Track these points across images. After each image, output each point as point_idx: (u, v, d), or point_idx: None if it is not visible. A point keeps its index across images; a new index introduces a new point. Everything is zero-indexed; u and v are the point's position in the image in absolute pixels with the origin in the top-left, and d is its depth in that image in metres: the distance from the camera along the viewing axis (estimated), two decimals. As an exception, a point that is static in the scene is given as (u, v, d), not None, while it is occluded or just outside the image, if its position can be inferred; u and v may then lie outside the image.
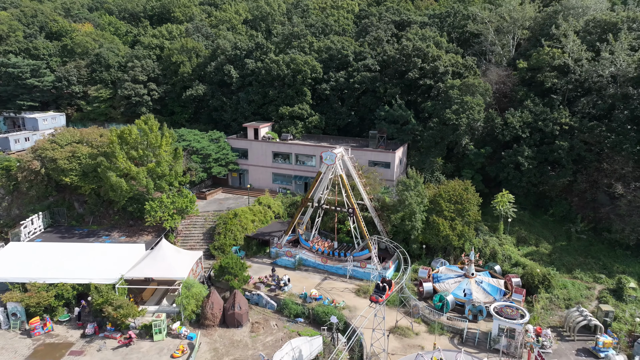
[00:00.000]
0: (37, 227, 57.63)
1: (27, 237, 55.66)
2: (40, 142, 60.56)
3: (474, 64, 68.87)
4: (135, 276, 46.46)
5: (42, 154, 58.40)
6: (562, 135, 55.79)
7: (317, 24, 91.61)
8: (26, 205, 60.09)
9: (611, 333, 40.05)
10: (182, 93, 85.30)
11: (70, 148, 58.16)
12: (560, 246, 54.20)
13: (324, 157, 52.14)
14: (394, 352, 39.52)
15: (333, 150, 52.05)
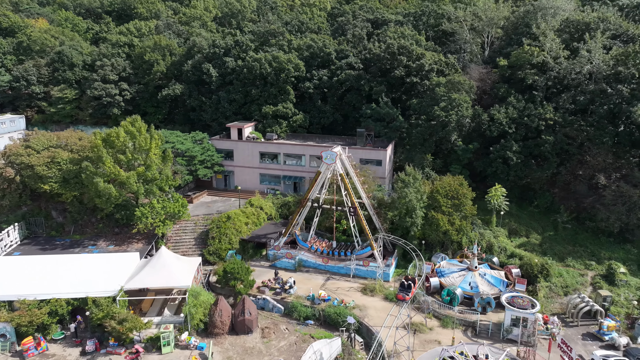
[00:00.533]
0: (14, 239, 53.31)
1: (3, 250, 51.34)
2: (12, 147, 56.06)
3: (455, 62, 70.55)
4: (136, 287, 44.04)
5: (15, 161, 54.05)
6: (547, 130, 58.26)
7: (292, 22, 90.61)
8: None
9: (613, 316, 42.32)
10: (155, 93, 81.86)
11: (48, 153, 54.16)
12: (549, 236, 56.71)
13: (324, 157, 51.64)
14: (413, 348, 39.76)
15: (333, 149, 51.64)
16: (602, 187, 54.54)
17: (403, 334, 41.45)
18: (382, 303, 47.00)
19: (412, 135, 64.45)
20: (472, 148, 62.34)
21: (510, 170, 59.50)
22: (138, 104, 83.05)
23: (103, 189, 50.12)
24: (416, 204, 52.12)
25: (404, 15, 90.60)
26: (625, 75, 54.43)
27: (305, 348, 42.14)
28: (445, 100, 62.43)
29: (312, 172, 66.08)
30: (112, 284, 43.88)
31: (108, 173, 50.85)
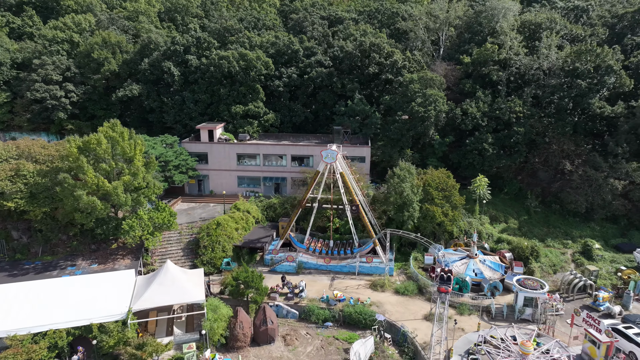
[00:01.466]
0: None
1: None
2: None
3: (422, 59, 73.24)
4: (146, 307, 40.25)
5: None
6: (516, 122, 62.70)
7: (247, 18, 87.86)
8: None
9: (604, 288, 46.95)
10: (105, 94, 75.13)
11: (10, 165, 47.36)
12: (524, 220, 61.28)
13: (324, 155, 51.03)
14: (439, 339, 40.82)
15: (332, 148, 51.18)
16: (568, 173, 60.07)
17: (428, 326, 42.66)
18: (395, 297, 47.79)
19: (390, 131, 65.78)
20: (448, 141, 65.24)
21: (485, 161, 63.20)
22: (85, 107, 75.54)
23: (86, 203, 44.97)
24: (413, 198, 53.48)
25: (358, 13, 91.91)
26: (582, 71, 60.36)
27: (333, 351, 41.76)
28: (420, 96, 64.56)
29: (294, 172, 65.26)
30: (115, 306, 39.70)
31: (90, 184, 45.73)
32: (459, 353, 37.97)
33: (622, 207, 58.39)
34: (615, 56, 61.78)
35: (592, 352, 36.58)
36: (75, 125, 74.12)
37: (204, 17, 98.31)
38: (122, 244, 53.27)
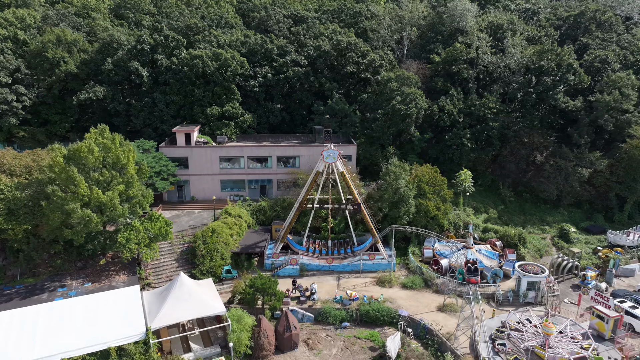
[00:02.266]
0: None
1: None
2: None
3: (394, 58, 75.06)
4: (166, 324, 37.70)
5: None
6: (491, 117, 66.33)
7: (210, 16, 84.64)
8: None
9: (590, 267, 51.24)
10: (61, 97, 69.00)
11: (-16, 179, 42.01)
12: (502, 210, 65.14)
13: (325, 155, 50.76)
14: (459, 327, 42.33)
15: (332, 148, 51.03)
16: (539, 163, 64.73)
17: (444, 317, 44.09)
18: (405, 292, 48.79)
19: (371, 129, 66.77)
20: (427, 137, 67.55)
21: (463, 155, 66.24)
22: (38, 111, 68.77)
23: (80, 217, 41.08)
24: (409, 193, 54.82)
25: (321, 13, 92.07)
26: (546, 68, 65.25)
27: (358, 350, 41.81)
28: (398, 94, 66.19)
29: (280, 174, 64.15)
30: (129, 326, 36.85)
31: (81, 197, 41.80)
32: (483, 340, 39.63)
33: (587, 192, 64.09)
34: (572, 56, 67.54)
35: (600, 327, 39.88)
36: (28, 132, 67.28)
37: (156, 14, 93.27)
38: (110, 258, 49.43)
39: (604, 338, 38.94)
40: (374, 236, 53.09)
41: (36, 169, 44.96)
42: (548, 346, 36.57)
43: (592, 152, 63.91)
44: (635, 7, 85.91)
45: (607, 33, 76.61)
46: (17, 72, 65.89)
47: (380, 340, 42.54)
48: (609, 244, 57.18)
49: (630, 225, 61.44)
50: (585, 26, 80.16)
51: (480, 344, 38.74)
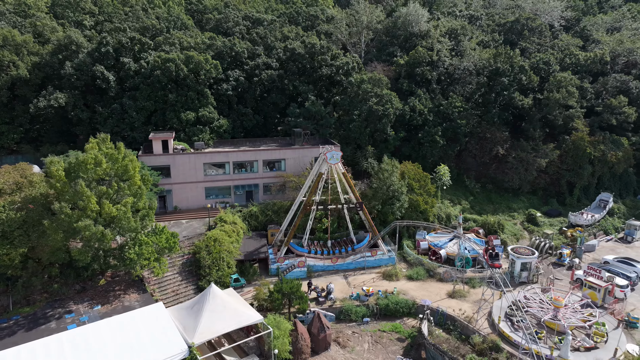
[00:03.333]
0: None
1: None
2: None
3: (361, 61, 77.62)
4: (207, 339, 36.20)
5: None
6: (458, 115, 71.34)
7: (165, 16, 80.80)
8: None
9: (565, 246, 57.61)
10: (9, 105, 62.09)
11: (-26, 200, 36.93)
12: (472, 200, 70.50)
13: (328, 157, 51.55)
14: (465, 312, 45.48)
15: (334, 150, 51.99)
16: (501, 156, 71.12)
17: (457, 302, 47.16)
18: (412, 283, 51.22)
19: (349, 129, 68.59)
20: (401, 136, 70.95)
21: (434, 151, 70.60)
22: (-19, 122, 61.17)
23: (93, 234, 37.86)
24: (402, 189, 57.51)
25: (277, 16, 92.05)
26: (503, 70, 71.84)
27: (388, 342, 43.36)
28: (373, 95, 68.81)
29: (266, 178, 63.58)
30: (168, 345, 34.89)
31: (90, 212, 38.52)
32: (503, 319, 43.15)
33: (542, 180, 71.72)
34: (521, 58, 75.14)
35: (593, 296, 45.43)
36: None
37: (97, 14, 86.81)
38: (109, 278, 45.87)
39: (596, 306, 44.39)
40: (375, 233, 54.97)
41: (27, 185, 40.37)
42: (558, 318, 40.97)
43: (545, 144, 71.66)
44: (555, 16, 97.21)
45: (541, 38, 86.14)
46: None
47: (405, 330, 44.54)
48: (570, 224, 64.76)
49: (579, 207, 69.95)
50: (519, 32, 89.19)
51: (502, 322, 42.21)
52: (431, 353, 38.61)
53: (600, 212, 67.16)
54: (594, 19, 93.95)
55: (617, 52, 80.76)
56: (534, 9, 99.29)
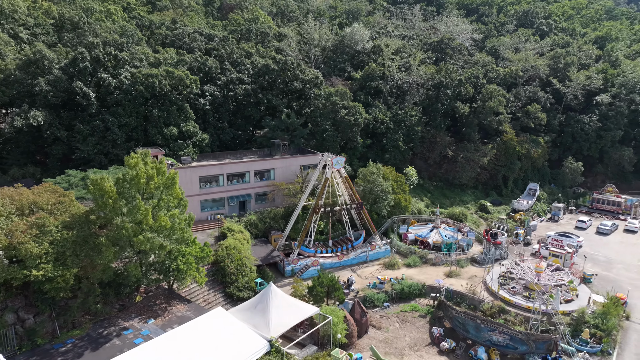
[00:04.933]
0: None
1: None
2: None
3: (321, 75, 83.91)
4: (281, 333, 39.03)
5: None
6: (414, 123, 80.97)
7: (119, 31, 78.79)
8: None
9: (519, 227, 69.44)
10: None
11: (30, 221, 35.28)
12: (431, 196, 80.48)
13: (334, 163, 56.75)
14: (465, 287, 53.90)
15: (339, 156, 57.42)
16: (450, 157, 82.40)
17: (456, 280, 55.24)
18: (412, 270, 58.33)
19: (324, 139, 74.28)
20: (368, 143, 78.50)
21: (397, 156, 79.38)
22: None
23: (157, 246, 38.57)
24: (389, 189, 64.74)
25: (229, 32, 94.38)
26: (446, 83, 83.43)
27: (413, 320, 49.75)
28: (341, 107, 75.53)
29: (258, 188, 66.43)
30: (249, 342, 37.31)
31: (144, 226, 39.10)
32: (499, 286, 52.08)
33: (483, 176, 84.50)
34: (459, 73, 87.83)
35: (556, 262, 56.81)
36: None
37: (33, 27, 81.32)
38: (144, 294, 45.62)
39: (561, 269, 55.66)
40: (373, 230, 61.25)
41: (68, 204, 39.25)
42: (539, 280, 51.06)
43: (483, 145, 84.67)
44: (467, 37, 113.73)
45: (465, 56, 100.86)
46: None
47: (422, 309, 51.31)
48: (513, 210, 77.75)
49: (514, 196, 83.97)
50: (444, 50, 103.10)
51: (501, 290, 51.12)
52: (459, 320, 45.76)
53: (531, 199, 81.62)
54: (500, 40, 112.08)
55: (524, 67, 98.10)
56: (449, 31, 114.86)
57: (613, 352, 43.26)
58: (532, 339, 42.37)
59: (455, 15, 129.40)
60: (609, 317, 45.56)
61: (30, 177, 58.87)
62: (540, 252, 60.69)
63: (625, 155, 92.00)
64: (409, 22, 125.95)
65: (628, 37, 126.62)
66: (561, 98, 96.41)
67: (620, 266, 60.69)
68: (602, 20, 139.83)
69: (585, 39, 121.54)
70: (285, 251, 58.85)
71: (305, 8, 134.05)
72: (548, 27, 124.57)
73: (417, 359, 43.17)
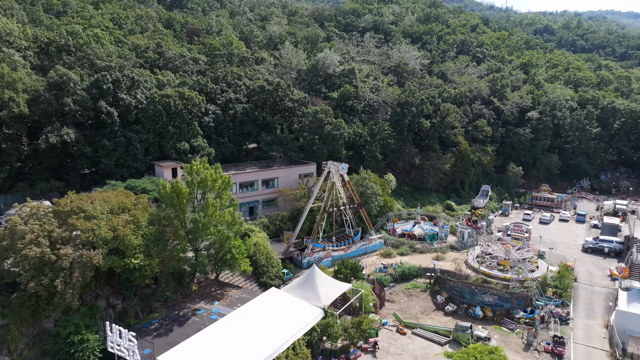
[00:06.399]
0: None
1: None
2: (72, 219, 38.57)
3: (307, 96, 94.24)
4: (328, 303, 47.93)
5: (89, 238, 38.78)
6: (387, 136, 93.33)
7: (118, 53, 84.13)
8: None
9: (481, 220, 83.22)
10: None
11: (126, 217, 41.68)
12: (404, 199, 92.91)
13: (340, 169, 66.81)
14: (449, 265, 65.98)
15: (342, 164, 67.71)
16: (418, 165, 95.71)
17: (443, 263, 66.99)
18: (405, 257, 69.41)
19: (313, 151, 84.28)
20: (350, 154, 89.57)
21: (374, 164, 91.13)
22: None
23: (225, 237, 46.37)
24: (379, 192, 75.90)
25: (212, 56, 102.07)
26: (411, 102, 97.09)
27: (417, 294, 60.49)
28: (327, 122, 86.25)
29: (265, 195, 74.67)
30: (307, 311, 45.91)
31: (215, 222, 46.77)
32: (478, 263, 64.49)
33: (445, 181, 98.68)
34: (421, 94, 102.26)
35: (517, 243, 70.65)
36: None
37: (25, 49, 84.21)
38: (197, 284, 52.38)
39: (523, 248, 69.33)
40: (370, 226, 71.82)
41: (145, 205, 45.82)
42: (509, 257, 64.27)
43: (444, 154, 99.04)
44: (417, 63, 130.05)
45: (421, 78, 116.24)
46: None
47: (421, 285, 62.24)
48: (473, 207, 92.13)
49: (471, 197, 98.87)
50: (401, 73, 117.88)
51: (481, 266, 63.55)
52: (457, 288, 57.24)
53: (485, 198, 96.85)
54: (446, 65, 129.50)
55: (470, 88, 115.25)
56: (401, 57, 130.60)
57: (570, 303, 56.85)
58: (515, 297, 54.87)
59: (403, 43, 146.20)
60: (564, 279, 59.41)
61: (56, 190, 63.03)
62: (504, 237, 74.54)
63: (553, 161, 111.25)
64: (363, 48, 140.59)
65: (544, 64, 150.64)
66: (500, 114, 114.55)
67: (562, 245, 76.16)
68: (522, 49, 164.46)
69: (513, 65, 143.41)
70: (297, 247, 67.50)
71: (267, 34, 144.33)
72: (482, 55, 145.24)
73: (430, 320, 53.90)
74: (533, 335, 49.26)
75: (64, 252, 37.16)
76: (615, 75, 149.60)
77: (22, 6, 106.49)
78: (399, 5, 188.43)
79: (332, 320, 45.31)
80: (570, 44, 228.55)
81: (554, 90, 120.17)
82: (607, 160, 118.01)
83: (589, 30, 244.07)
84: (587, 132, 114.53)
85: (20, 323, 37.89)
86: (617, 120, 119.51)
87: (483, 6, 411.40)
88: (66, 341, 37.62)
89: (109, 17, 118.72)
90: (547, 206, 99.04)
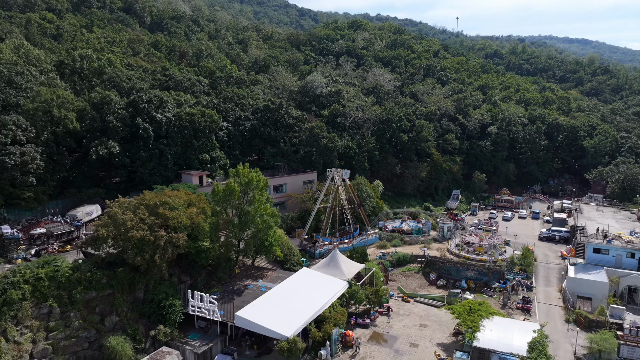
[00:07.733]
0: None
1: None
2: (160, 210, 49.06)
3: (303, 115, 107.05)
4: (351, 277, 60.14)
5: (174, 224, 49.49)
6: (372, 149, 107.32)
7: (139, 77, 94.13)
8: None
9: (458, 216, 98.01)
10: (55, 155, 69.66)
11: (194, 209, 52.65)
12: (388, 202, 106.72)
13: (343, 174, 79.74)
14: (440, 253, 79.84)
15: (345, 170, 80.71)
16: (399, 173, 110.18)
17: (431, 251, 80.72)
18: (399, 248, 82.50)
19: (312, 161, 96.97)
20: (342, 164, 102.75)
21: (362, 173, 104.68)
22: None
23: (268, 225, 57.98)
24: (372, 194, 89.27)
25: (213, 79, 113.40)
26: (391, 119, 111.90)
27: (412, 275, 73.62)
28: (323, 137, 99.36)
29: (276, 199, 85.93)
30: (336, 283, 57.96)
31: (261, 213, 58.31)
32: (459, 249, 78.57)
33: (422, 186, 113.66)
34: (400, 111, 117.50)
35: (488, 234, 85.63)
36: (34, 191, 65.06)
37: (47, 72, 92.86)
38: (238, 269, 63.20)
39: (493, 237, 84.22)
40: (367, 223, 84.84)
41: (204, 200, 56.78)
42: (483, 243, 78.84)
43: (420, 163, 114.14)
44: (390, 85, 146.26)
45: (395, 99, 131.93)
46: (26, 131, 63.73)
47: (414, 268, 75.50)
48: (447, 208, 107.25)
49: (444, 200, 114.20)
50: (378, 94, 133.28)
51: (462, 252, 77.72)
52: (445, 268, 70.92)
53: (456, 201, 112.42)
54: (416, 86, 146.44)
55: (439, 107, 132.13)
56: (375, 79, 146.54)
57: (532, 276, 71.77)
58: (491, 271, 69.19)
59: (376, 66, 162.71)
60: (527, 259, 74.46)
61: (98, 196, 72.20)
62: (476, 230, 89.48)
63: (510, 169, 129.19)
64: (341, 70, 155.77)
65: (498, 86, 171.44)
66: (465, 129, 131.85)
67: (523, 236, 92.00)
68: (479, 73, 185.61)
69: (473, 86, 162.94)
70: (308, 241, 79.23)
71: (253, 57, 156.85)
72: (446, 77, 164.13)
73: (426, 292, 67.15)
74: (507, 298, 63.49)
75: (160, 234, 47.68)
76: (557, 96, 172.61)
77: (20, 29, 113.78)
78: (367, 32, 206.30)
79: (357, 288, 57.52)
80: (517, 67, 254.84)
81: (508, 109, 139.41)
82: (554, 168, 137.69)
83: (532, 56, 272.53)
84: (537, 145, 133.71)
85: (121, 292, 47.88)
86: (560, 134, 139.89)
87: (436, 30, 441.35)
88: (159, 305, 47.95)
89: (105, 41, 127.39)
90: (507, 207, 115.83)
